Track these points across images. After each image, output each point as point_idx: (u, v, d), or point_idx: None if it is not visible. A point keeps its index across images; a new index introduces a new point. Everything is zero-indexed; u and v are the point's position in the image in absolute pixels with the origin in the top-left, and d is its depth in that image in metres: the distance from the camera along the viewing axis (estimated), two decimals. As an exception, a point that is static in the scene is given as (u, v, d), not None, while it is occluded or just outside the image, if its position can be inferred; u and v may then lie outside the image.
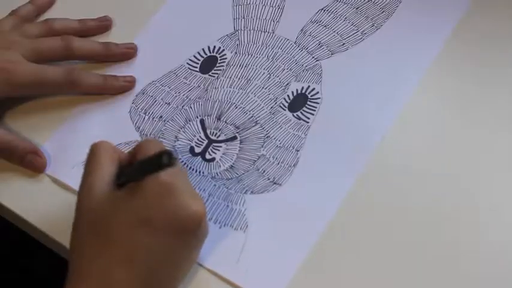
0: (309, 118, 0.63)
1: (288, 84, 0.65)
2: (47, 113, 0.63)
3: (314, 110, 0.63)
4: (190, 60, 0.67)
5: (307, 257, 0.56)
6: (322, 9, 0.68)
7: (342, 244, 0.57)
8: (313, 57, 0.66)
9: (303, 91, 0.64)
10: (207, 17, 0.69)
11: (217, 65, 0.66)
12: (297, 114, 0.63)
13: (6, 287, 0.79)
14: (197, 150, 0.62)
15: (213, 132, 0.62)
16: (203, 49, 0.67)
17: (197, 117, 0.63)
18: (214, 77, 0.65)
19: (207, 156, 0.61)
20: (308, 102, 0.63)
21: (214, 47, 0.67)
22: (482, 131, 0.61)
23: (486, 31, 0.66)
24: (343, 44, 0.67)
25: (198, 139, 0.62)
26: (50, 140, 0.62)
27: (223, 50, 0.67)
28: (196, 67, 0.66)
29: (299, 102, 0.63)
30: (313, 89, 0.64)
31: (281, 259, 0.56)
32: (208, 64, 0.66)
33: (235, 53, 0.67)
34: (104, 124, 0.63)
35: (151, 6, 0.69)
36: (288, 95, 0.64)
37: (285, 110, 0.63)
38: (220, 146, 0.62)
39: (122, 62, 0.65)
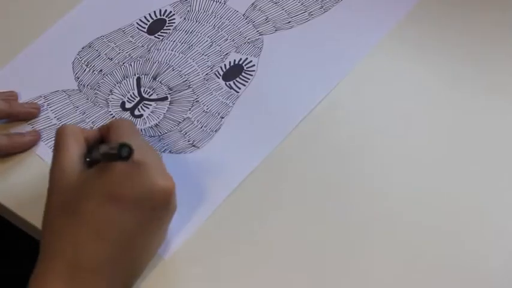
0: (240, 88, 0.64)
1: (227, 54, 0.66)
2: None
3: (247, 82, 0.64)
4: (140, 20, 0.69)
5: (209, 218, 0.57)
6: (275, -15, 0.70)
7: (245, 212, 0.58)
8: (257, 31, 0.67)
9: (240, 62, 0.65)
10: (163, -20, 0.71)
11: (164, 28, 0.68)
12: (229, 84, 0.64)
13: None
14: (128, 105, 0.64)
15: (147, 91, 0.64)
16: (154, 11, 0.69)
17: (134, 75, 0.65)
18: (159, 39, 0.67)
19: (136, 113, 0.63)
20: (243, 74, 0.65)
21: (166, 10, 0.69)
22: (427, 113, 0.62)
23: (431, 25, 0.66)
24: (289, 22, 0.68)
25: (131, 95, 0.64)
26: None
27: (174, 14, 0.69)
28: (145, 28, 0.68)
29: (234, 72, 0.65)
30: (250, 61, 0.65)
31: (186, 217, 0.58)
32: (156, 26, 0.68)
33: (184, 18, 0.69)
34: (47, 69, 0.66)
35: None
36: (224, 64, 0.66)
37: (219, 78, 0.65)
38: (150, 105, 0.64)
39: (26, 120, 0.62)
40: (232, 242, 0.56)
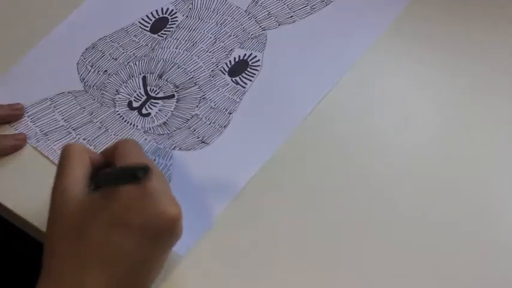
0: (246, 84, 0.64)
1: (231, 50, 0.66)
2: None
3: (252, 77, 0.65)
4: (142, 19, 0.69)
5: (224, 212, 0.58)
6: (276, -20, 0.70)
7: (258, 203, 0.58)
8: (260, 26, 0.68)
9: (245, 58, 0.66)
10: (164, -21, 0.71)
11: (167, 26, 0.68)
12: (235, 79, 0.65)
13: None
14: (135, 104, 0.64)
15: (153, 89, 0.64)
16: (156, 10, 0.69)
17: (140, 74, 0.65)
18: (162, 37, 0.68)
19: (143, 111, 0.63)
20: (248, 69, 0.65)
21: (168, 9, 0.69)
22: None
23: (436, 17, 0.67)
24: (291, 16, 0.68)
25: (137, 94, 0.64)
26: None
27: (176, 12, 0.69)
28: (147, 27, 0.68)
29: (239, 68, 0.65)
30: (255, 56, 0.66)
31: (200, 212, 0.58)
32: (159, 25, 0.68)
33: (187, 16, 0.69)
34: (51, 71, 0.66)
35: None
36: (229, 60, 0.66)
37: (224, 74, 0.65)
38: (157, 103, 0.64)
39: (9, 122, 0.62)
40: (245, 237, 0.57)
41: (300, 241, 0.56)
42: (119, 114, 0.63)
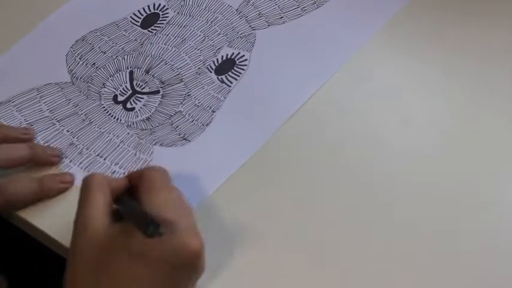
0: (231, 83, 0.64)
1: (220, 48, 0.67)
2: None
3: (238, 76, 0.65)
4: (134, 14, 0.69)
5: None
6: (269, -20, 0.70)
7: (235, 205, 0.58)
8: (250, 26, 0.68)
9: (232, 56, 0.66)
10: (158, -25, 0.71)
11: (158, 22, 0.68)
12: (221, 78, 0.65)
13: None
14: (120, 98, 0.64)
15: (139, 84, 0.65)
16: (148, 5, 0.70)
17: (127, 68, 0.66)
18: (152, 33, 0.68)
19: (128, 106, 0.64)
20: (235, 68, 0.65)
21: (160, 4, 0.70)
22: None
23: (422, 25, 0.67)
24: (282, 17, 0.68)
25: (123, 88, 0.65)
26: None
27: (167, 8, 0.69)
28: (138, 22, 0.69)
29: (226, 67, 0.65)
30: (243, 56, 0.66)
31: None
32: (150, 20, 0.69)
33: (178, 13, 0.69)
34: (41, 62, 0.66)
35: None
36: (217, 59, 0.66)
37: (211, 72, 0.65)
38: (142, 98, 0.64)
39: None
40: (222, 234, 0.57)
41: (296, 241, 0.56)
42: (104, 107, 0.64)
